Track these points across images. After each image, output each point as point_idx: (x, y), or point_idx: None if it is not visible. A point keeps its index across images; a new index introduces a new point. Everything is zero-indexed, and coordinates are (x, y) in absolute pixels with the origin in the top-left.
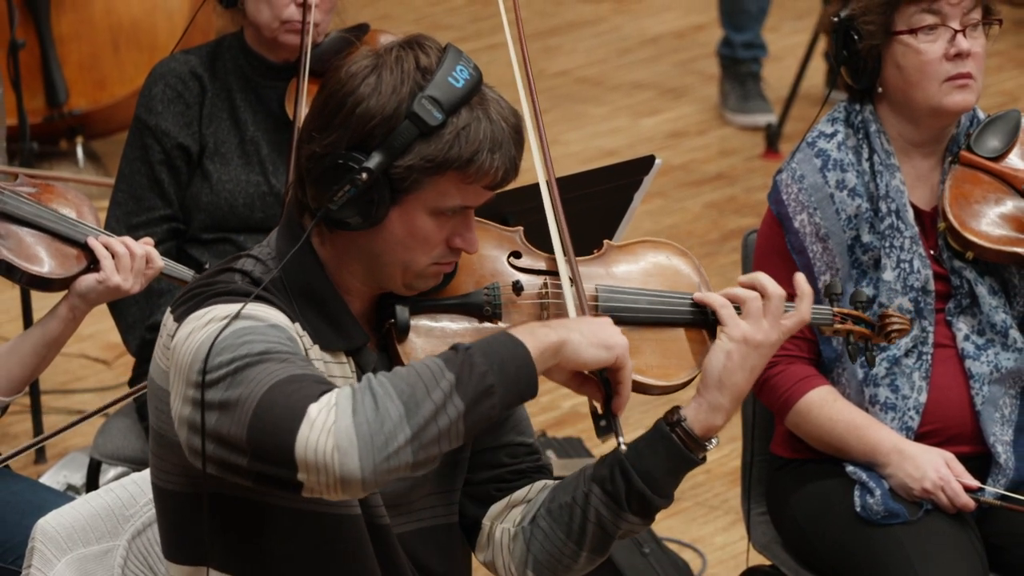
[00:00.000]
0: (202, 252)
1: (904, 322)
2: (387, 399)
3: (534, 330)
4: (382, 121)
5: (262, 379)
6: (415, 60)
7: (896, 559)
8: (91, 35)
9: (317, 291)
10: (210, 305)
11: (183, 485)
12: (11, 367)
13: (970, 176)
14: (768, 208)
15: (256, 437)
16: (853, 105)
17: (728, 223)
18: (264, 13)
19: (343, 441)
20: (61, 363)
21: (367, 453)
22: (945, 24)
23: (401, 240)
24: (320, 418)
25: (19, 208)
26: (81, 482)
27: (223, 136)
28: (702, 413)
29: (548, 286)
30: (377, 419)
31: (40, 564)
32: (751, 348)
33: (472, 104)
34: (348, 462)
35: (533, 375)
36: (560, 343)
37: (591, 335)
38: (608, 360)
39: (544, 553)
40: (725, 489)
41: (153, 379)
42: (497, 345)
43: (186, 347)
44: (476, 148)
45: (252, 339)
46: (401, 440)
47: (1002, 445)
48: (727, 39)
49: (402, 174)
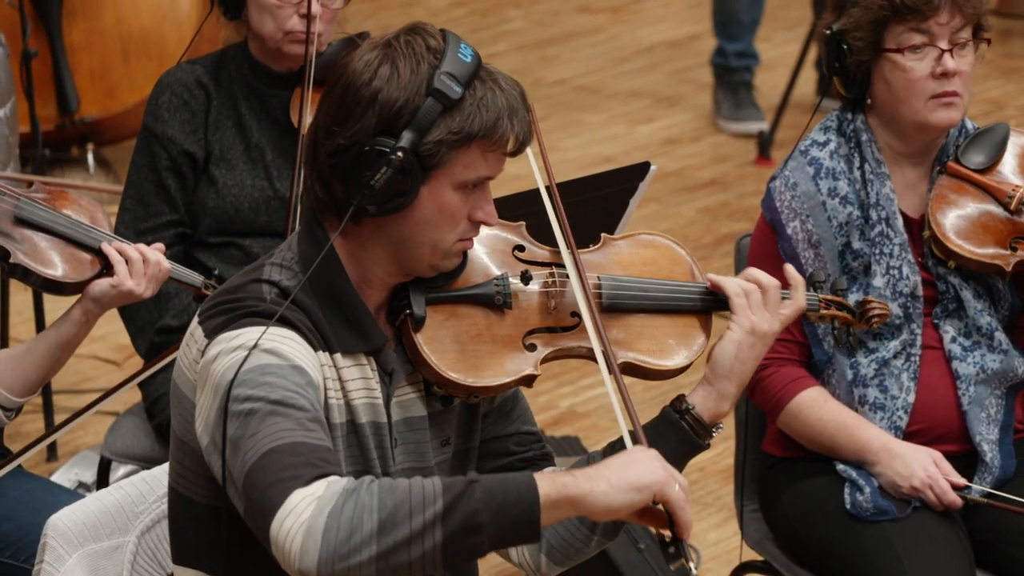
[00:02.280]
0: (208, 256)
1: (883, 307)
2: (366, 512)
3: (556, 478)
4: (407, 102)
5: (266, 436)
6: (424, 43)
7: (885, 555)
8: (102, 45)
9: (338, 293)
10: (240, 326)
11: (203, 495)
12: (25, 369)
13: (956, 187)
14: (761, 214)
15: (248, 491)
16: (845, 114)
17: (721, 228)
18: (268, 24)
19: (308, 540)
20: (73, 364)
21: (327, 558)
22: (933, 44)
23: (431, 218)
24: (299, 508)
25: (34, 214)
26: (92, 480)
27: (228, 143)
28: (711, 401)
29: (555, 275)
30: (348, 528)
31: (52, 560)
32: (757, 337)
33: (483, 77)
34: (307, 561)
35: (535, 523)
36: (581, 495)
37: (620, 481)
38: (642, 502)
39: (558, 539)
40: (718, 487)
41: (178, 385)
42: (508, 484)
43: (214, 369)
44: (497, 115)
45: (272, 381)
46: (365, 556)
47: (988, 444)
48: (720, 49)
49: (431, 149)
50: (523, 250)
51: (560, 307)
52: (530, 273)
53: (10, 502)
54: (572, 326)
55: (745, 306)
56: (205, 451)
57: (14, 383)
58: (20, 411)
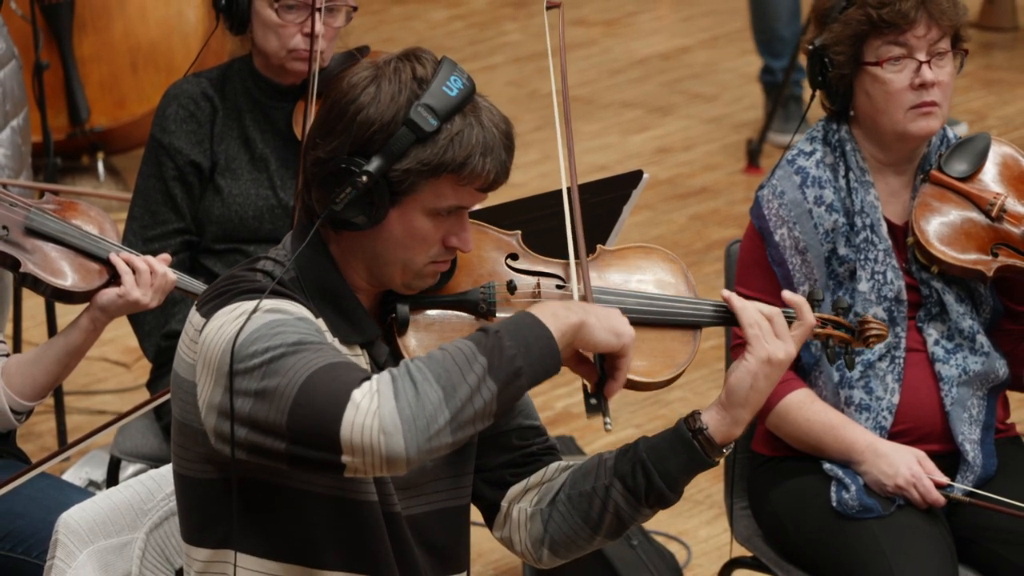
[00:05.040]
0: (214, 262)
1: (882, 328)
2: (426, 384)
3: (555, 311)
4: (381, 127)
5: (300, 367)
6: (412, 71)
7: (870, 551)
8: (111, 57)
9: (332, 287)
10: (238, 301)
11: (207, 472)
12: (36, 374)
13: (939, 195)
14: (750, 222)
15: (298, 423)
16: (831, 124)
17: (711, 234)
18: (272, 42)
19: (388, 425)
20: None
21: (411, 435)
22: (911, 56)
23: (400, 240)
24: (364, 403)
25: (45, 224)
26: (102, 478)
27: (233, 153)
28: (724, 425)
29: (540, 286)
30: (419, 403)
31: (63, 556)
32: (773, 367)
33: (465, 112)
34: (394, 444)
35: (557, 354)
36: (579, 324)
37: (605, 320)
38: (616, 346)
39: (560, 534)
40: (709, 485)
41: (178, 373)
42: (523, 327)
43: (218, 338)
44: (469, 152)
45: (285, 330)
46: (441, 422)
47: (970, 444)
48: (767, 67)
49: (400, 177)
50: (516, 259)
51: None
52: (515, 283)
53: (23, 500)
54: None
55: (759, 337)
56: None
57: (24, 388)
58: (31, 414)
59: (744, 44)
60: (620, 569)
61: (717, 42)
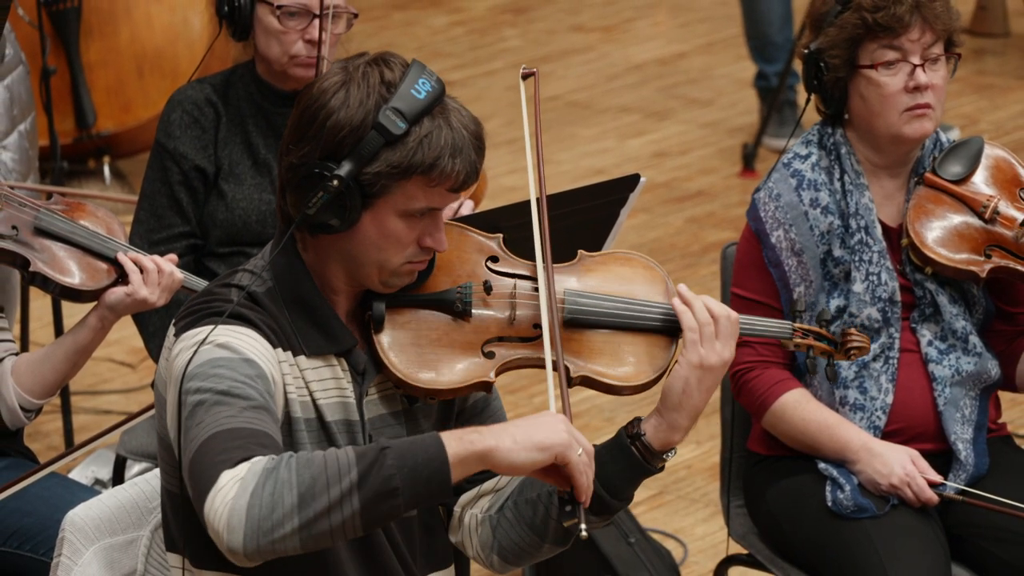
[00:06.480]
0: (218, 265)
1: (864, 341)
2: (285, 488)
3: (463, 435)
4: (350, 132)
5: (209, 424)
6: (380, 75)
7: (864, 550)
8: (117, 62)
9: (305, 297)
10: (204, 323)
11: (178, 485)
12: (45, 372)
13: (933, 197)
14: (747, 224)
15: (190, 477)
16: (826, 128)
17: (708, 236)
18: (274, 49)
19: (234, 520)
20: (90, 366)
21: (251, 535)
22: (905, 59)
23: (375, 241)
24: (225, 489)
25: (53, 224)
26: (108, 477)
27: (237, 158)
28: (661, 432)
29: (517, 287)
30: (270, 505)
31: (69, 553)
32: (705, 371)
33: (434, 114)
34: (234, 539)
35: (446, 480)
36: (486, 451)
37: (525, 439)
38: (544, 461)
39: (508, 541)
40: (705, 483)
41: (157, 387)
42: (418, 448)
43: (177, 364)
44: (438, 154)
45: (220, 373)
46: (288, 529)
47: (963, 443)
48: (761, 72)
49: (371, 180)
50: (496, 261)
51: (522, 319)
52: (491, 284)
53: (30, 498)
54: (532, 337)
55: (696, 341)
56: (174, 443)
57: (33, 386)
58: (39, 412)
59: (740, 50)
60: (617, 567)
61: (713, 48)
